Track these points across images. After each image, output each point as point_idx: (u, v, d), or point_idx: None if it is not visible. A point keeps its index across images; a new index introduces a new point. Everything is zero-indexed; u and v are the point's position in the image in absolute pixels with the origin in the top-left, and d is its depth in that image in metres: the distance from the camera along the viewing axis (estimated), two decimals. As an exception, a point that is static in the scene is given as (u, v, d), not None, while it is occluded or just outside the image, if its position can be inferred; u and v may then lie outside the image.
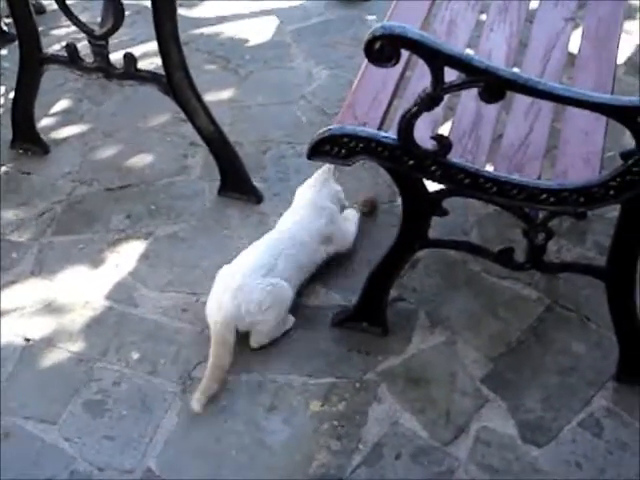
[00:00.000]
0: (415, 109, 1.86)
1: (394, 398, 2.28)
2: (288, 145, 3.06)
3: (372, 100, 2.18)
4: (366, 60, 1.87)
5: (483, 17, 2.62)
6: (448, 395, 2.28)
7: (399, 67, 2.06)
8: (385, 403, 2.27)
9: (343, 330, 2.43)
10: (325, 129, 1.99)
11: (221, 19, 3.74)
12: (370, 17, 3.69)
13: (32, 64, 2.84)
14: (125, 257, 2.68)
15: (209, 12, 3.78)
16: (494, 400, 2.27)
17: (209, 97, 2.79)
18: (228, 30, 3.67)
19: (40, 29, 2.84)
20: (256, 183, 2.85)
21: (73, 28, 3.39)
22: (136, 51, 2.76)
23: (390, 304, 2.42)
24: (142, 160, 3.03)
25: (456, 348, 2.39)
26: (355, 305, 2.41)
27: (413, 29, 1.78)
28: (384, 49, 1.78)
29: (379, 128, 2.08)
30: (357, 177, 2.90)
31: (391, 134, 1.96)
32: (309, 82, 3.37)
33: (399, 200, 2.72)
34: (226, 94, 3.31)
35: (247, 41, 3.61)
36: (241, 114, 3.21)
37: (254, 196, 2.82)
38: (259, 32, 3.65)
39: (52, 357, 2.40)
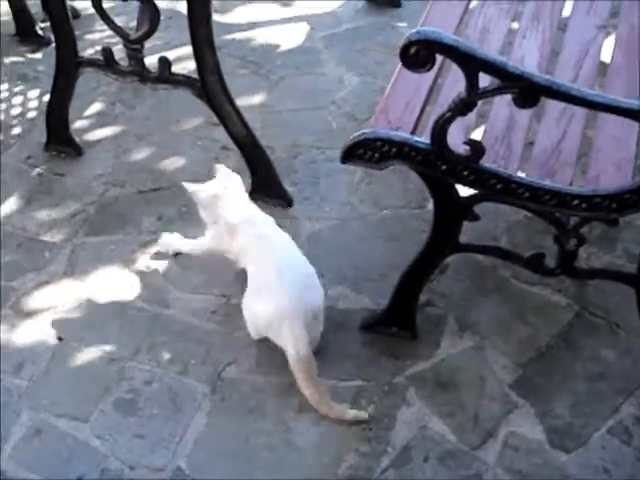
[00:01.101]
0: (449, 114, 1.88)
1: (423, 402, 2.29)
2: (318, 150, 3.08)
3: (405, 105, 2.20)
4: (399, 65, 1.89)
5: (514, 25, 2.63)
6: (477, 400, 2.28)
7: (432, 73, 2.08)
8: (414, 407, 2.28)
9: (372, 334, 2.44)
10: (359, 133, 2.01)
11: (253, 25, 3.77)
12: (400, 24, 3.71)
13: (68, 67, 2.88)
14: (156, 259, 2.70)
15: (241, 18, 3.81)
16: (523, 405, 2.27)
17: (240, 102, 2.82)
18: (260, 36, 3.70)
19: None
20: (287, 187, 2.88)
21: (106, 32, 3.45)
22: (169, 55, 2.78)
23: (419, 309, 2.43)
24: (174, 163, 3.07)
25: (485, 353, 2.39)
26: (385, 309, 2.42)
27: (448, 34, 1.80)
28: (419, 54, 1.80)
29: (412, 133, 2.09)
30: (387, 182, 2.92)
31: (424, 139, 1.98)
32: (340, 88, 3.39)
33: (428, 205, 2.76)
34: (257, 99, 3.33)
35: (278, 47, 3.63)
36: (272, 119, 3.23)
37: (285, 200, 2.84)
38: (290, 38, 3.68)
39: (84, 356, 2.43)
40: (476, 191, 2.04)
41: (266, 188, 2.83)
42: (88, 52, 3.43)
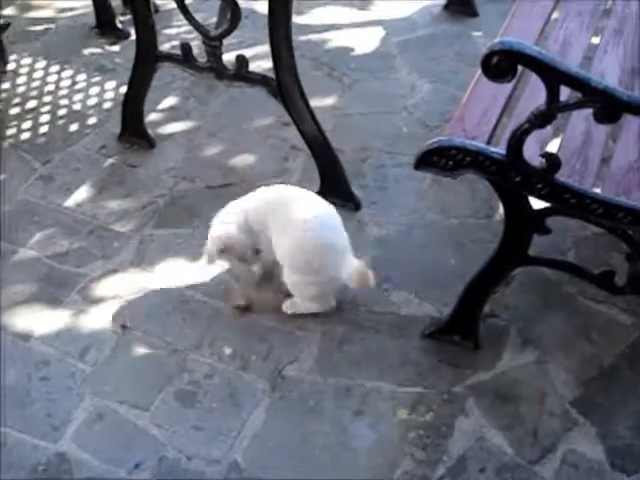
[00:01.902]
0: (527, 126, 1.87)
1: (481, 413, 2.27)
2: (388, 155, 3.09)
3: (482, 115, 2.18)
4: (478, 74, 1.89)
5: (595, 40, 2.61)
6: (537, 414, 2.26)
7: (510, 84, 2.06)
8: (472, 417, 2.27)
9: (434, 341, 2.44)
10: (434, 140, 2.01)
11: (328, 27, 3.79)
12: (476, 33, 3.70)
13: (147, 61, 2.93)
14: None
15: (317, 20, 3.83)
16: (583, 424, 2.25)
17: (312, 103, 2.83)
18: (335, 38, 3.72)
19: (153, 28, 2.92)
20: (355, 190, 2.88)
21: (183, 28, 3.51)
22: (244, 54, 2.80)
23: (482, 319, 2.42)
24: (244, 160, 3.09)
25: (547, 368, 2.37)
26: (447, 318, 2.41)
27: (532, 46, 1.79)
28: (501, 64, 1.80)
29: (487, 143, 2.08)
30: (455, 191, 2.91)
31: (500, 149, 1.97)
32: (412, 94, 3.39)
33: (495, 216, 2.76)
34: (329, 101, 3.35)
35: (353, 50, 3.65)
36: (343, 121, 3.24)
37: (352, 202, 2.85)
38: (365, 42, 3.69)
39: (147, 346, 2.46)
40: (549, 204, 2.02)
41: (334, 190, 2.83)
42: (165, 47, 3.48)
